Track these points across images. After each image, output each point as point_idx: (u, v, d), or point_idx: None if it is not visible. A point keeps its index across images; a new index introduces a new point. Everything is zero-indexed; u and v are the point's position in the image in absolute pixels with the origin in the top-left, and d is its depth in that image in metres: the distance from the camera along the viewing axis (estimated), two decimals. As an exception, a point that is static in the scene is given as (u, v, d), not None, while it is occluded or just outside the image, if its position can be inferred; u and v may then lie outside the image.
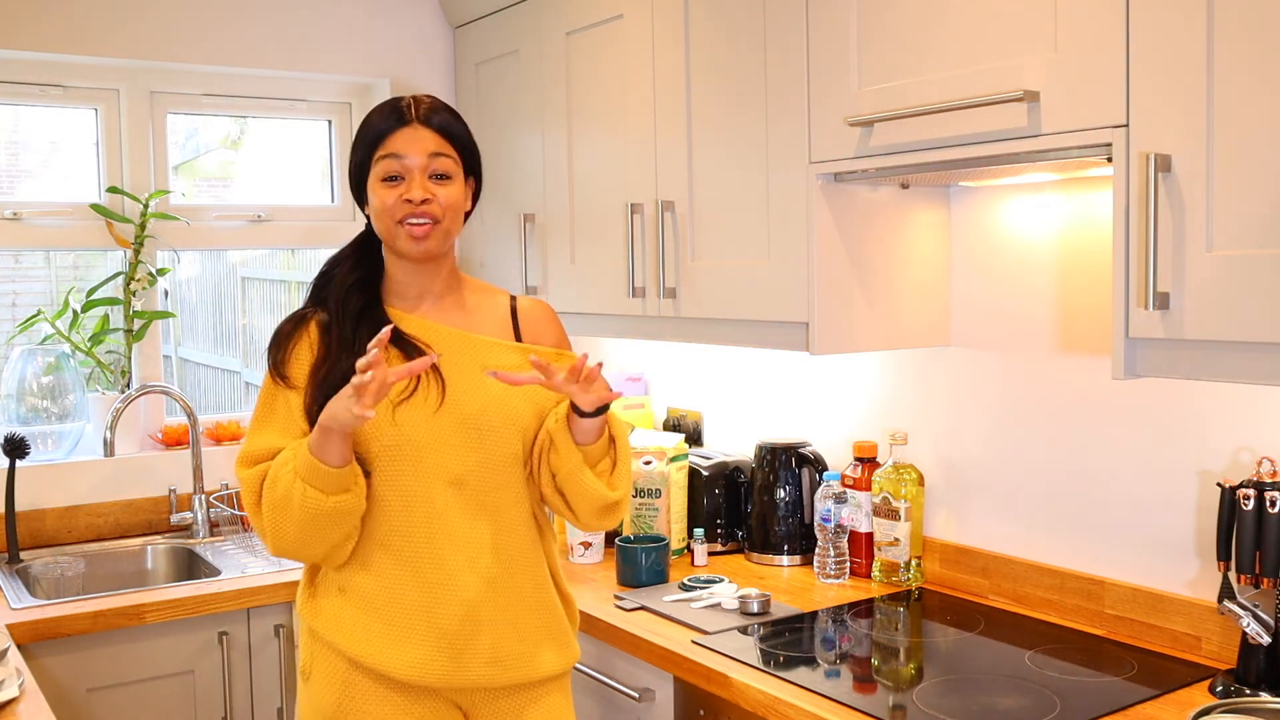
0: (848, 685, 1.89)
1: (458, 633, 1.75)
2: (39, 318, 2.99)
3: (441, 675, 1.75)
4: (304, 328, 1.82)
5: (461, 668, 1.75)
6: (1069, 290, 2.15)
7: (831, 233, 2.13)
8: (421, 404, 1.75)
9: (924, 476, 2.41)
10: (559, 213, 2.85)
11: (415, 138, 1.76)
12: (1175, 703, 1.75)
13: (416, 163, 1.75)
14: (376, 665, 1.74)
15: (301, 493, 1.66)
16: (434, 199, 1.75)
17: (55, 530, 2.88)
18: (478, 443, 1.77)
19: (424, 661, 1.74)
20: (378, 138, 1.77)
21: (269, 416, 1.78)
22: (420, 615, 1.75)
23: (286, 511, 1.69)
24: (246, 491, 1.76)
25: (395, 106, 1.79)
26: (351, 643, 1.76)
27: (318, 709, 1.79)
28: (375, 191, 1.78)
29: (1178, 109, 1.52)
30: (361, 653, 1.75)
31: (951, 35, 1.84)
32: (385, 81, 3.30)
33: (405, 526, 1.75)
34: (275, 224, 3.28)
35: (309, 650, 1.82)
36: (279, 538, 1.71)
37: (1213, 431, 1.94)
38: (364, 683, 1.76)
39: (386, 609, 1.75)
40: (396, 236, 1.77)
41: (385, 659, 1.74)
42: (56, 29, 2.87)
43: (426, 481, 1.75)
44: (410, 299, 1.84)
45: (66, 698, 2.31)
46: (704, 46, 2.35)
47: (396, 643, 1.74)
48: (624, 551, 2.43)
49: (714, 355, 2.96)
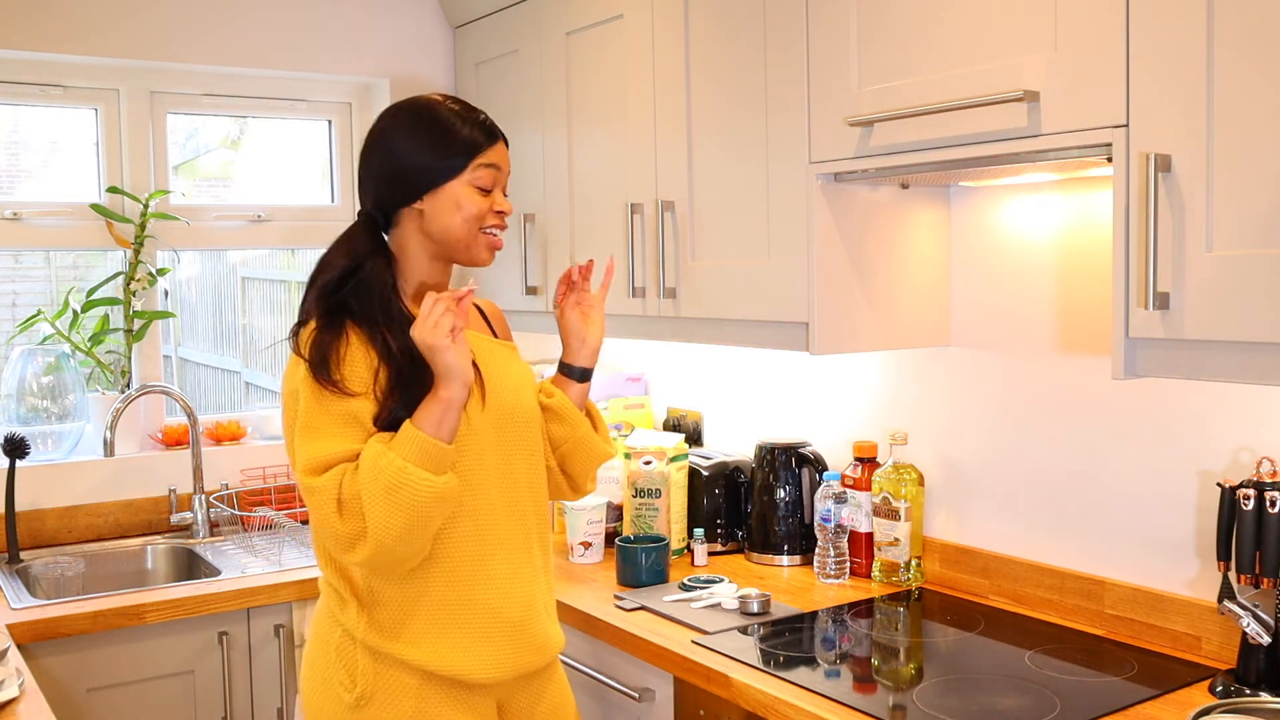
0: (848, 685, 1.89)
1: (518, 624, 1.79)
2: (39, 318, 2.99)
3: (509, 668, 1.78)
4: (343, 335, 1.73)
5: (519, 657, 1.79)
6: (1069, 290, 2.15)
7: (831, 233, 2.13)
8: (475, 401, 1.77)
9: (924, 476, 2.41)
10: (559, 213, 2.85)
11: (505, 155, 1.83)
12: (1175, 703, 1.75)
13: (505, 179, 1.84)
14: (458, 672, 1.74)
15: (416, 477, 1.61)
16: (511, 212, 1.86)
17: (55, 530, 2.88)
18: (517, 436, 1.84)
19: (493, 657, 1.76)
20: (475, 146, 1.78)
21: (328, 423, 1.68)
22: (490, 613, 1.76)
23: (395, 500, 1.62)
24: (323, 498, 1.65)
25: (483, 120, 1.81)
26: (432, 655, 1.73)
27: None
28: (469, 197, 1.77)
29: (1178, 109, 1.52)
30: (443, 663, 1.73)
31: (951, 35, 1.84)
32: (385, 81, 3.30)
33: (473, 524, 1.76)
34: (275, 224, 3.28)
35: (369, 674, 1.74)
36: (384, 531, 1.62)
37: (1213, 431, 1.94)
38: (437, 694, 1.74)
39: (458, 611, 1.75)
40: (475, 243, 1.80)
41: (467, 664, 1.74)
42: (56, 29, 2.87)
43: (487, 475, 1.78)
44: (416, 300, 1.82)
45: (66, 698, 2.31)
46: (704, 46, 2.35)
47: (474, 645, 1.75)
48: (624, 551, 2.43)
49: (714, 355, 2.96)
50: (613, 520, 2.75)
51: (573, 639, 2.30)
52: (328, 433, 1.68)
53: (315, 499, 1.66)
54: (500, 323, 2.02)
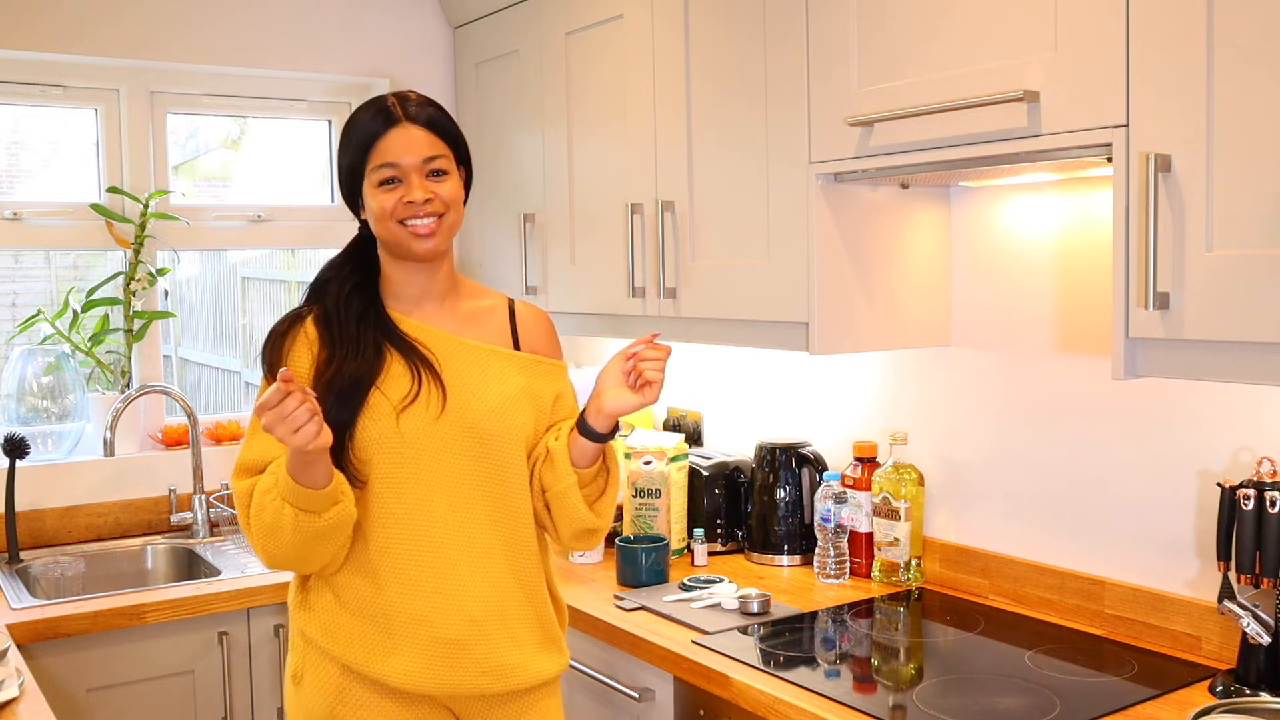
0: (848, 685, 1.89)
1: (456, 642, 1.73)
2: (39, 318, 2.99)
3: (438, 684, 1.73)
4: (300, 327, 1.78)
5: (458, 677, 1.74)
6: (1069, 290, 2.15)
7: (831, 233, 2.13)
8: (424, 410, 1.73)
9: (924, 476, 2.41)
10: (559, 213, 2.85)
11: (409, 138, 1.74)
12: (1175, 703, 1.75)
13: (413, 164, 1.74)
14: (372, 673, 1.73)
15: (293, 518, 1.64)
16: (435, 197, 1.74)
17: (55, 530, 2.88)
18: (480, 450, 1.76)
19: (421, 670, 1.72)
20: (368, 142, 1.75)
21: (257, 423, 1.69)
22: (418, 625, 1.72)
23: (277, 535, 1.67)
24: (239, 503, 1.73)
25: (382, 107, 1.77)
26: (347, 650, 1.74)
27: (308, 714, 1.77)
28: (374, 196, 1.75)
29: (1178, 109, 1.52)
30: (357, 660, 1.73)
31: (951, 35, 1.84)
32: (385, 81, 3.30)
33: (407, 534, 1.73)
34: (275, 224, 3.28)
35: (300, 654, 1.79)
36: (273, 558, 1.71)
37: (1213, 431, 1.93)
38: (358, 690, 1.74)
39: (384, 617, 1.73)
40: (401, 238, 1.75)
41: (382, 668, 1.72)
42: (56, 29, 2.87)
43: (430, 488, 1.73)
44: (408, 301, 1.82)
45: (66, 698, 2.31)
46: (704, 46, 2.35)
47: (394, 651, 1.72)
48: (624, 551, 2.43)
49: (714, 355, 2.96)
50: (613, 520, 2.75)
51: (573, 639, 2.29)
52: (256, 433, 1.72)
53: (235, 502, 1.74)
54: (533, 333, 1.90)
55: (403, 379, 1.74)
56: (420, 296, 1.83)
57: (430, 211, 1.74)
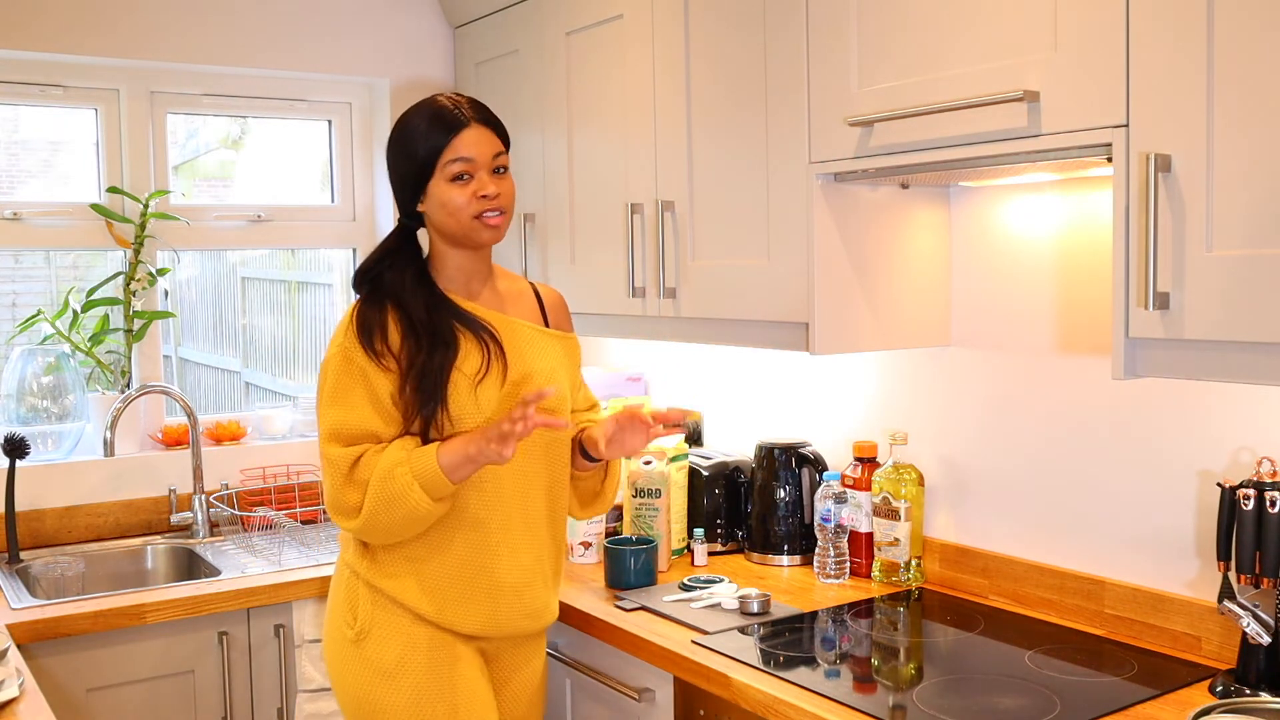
0: (848, 685, 1.89)
1: (514, 588, 1.96)
2: (39, 318, 2.99)
3: (497, 627, 1.97)
4: (384, 313, 1.93)
5: (513, 619, 1.98)
6: (1069, 290, 2.15)
7: (831, 233, 2.13)
8: (495, 382, 1.93)
9: (924, 476, 2.41)
10: (559, 213, 2.85)
11: (479, 138, 1.93)
12: (1175, 703, 1.75)
13: (483, 161, 1.93)
14: (444, 621, 1.93)
15: (417, 497, 1.82)
16: (503, 192, 1.95)
17: (55, 530, 2.88)
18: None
19: (488, 615, 1.95)
20: (445, 139, 1.91)
21: (354, 395, 1.88)
22: (487, 575, 1.95)
23: (392, 508, 1.84)
24: (336, 468, 1.86)
25: (449, 112, 1.94)
26: (427, 603, 1.93)
27: (376, 666, 1.93)
28: (445, 191, 1.92)
29: (1178, 109, 1.52)
30: (434, 612, 1.93)
31: (952, 35, 1.84)
32: (385, 81, 3.30)
33: (476, 495, 1.93)
34: (275, 224, 3.28)
35: (368, 610, 1.95)
36: (372, 525, 1.86)
37: (1213, 431, 1.94)
38: (423, 636, 1.94)
39: (463, 571, 1.94)
40: (473, 229, 1.94)
41: (456, 616, 1.94)
42: (56, 29, 2.87)
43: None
44: (460, 284, 2.01)
45: (66, 698, 2.31)
46: (704, 46, 2.35)
47: (467, 600, 1.94)
48: (611, 554, 2.41)
49: (714, 355, 2.96)
50: (613, 520, 2.75)
51: (573, 639, 2.30)
52: (351, 404, 1.88)
53: (329, 467, 1.88)
54: (557, 311, 2.15)
55: (474, 355, 1.93)
56: (470, 280, 2.02)
57: (498, 205, 1.95)
